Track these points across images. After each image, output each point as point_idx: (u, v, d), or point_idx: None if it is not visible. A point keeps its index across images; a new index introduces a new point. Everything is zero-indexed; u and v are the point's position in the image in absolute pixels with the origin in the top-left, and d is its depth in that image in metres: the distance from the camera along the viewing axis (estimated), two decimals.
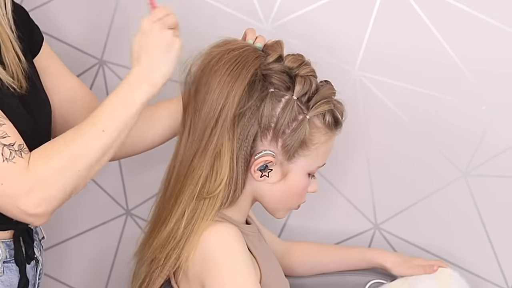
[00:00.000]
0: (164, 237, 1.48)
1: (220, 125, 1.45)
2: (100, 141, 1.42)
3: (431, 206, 1.92)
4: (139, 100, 1.44)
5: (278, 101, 1.46)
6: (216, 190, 1.45)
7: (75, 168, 1.40)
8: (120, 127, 1.43)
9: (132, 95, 1.44)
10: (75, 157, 1.40)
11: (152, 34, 1.44)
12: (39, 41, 1.63)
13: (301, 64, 1.50)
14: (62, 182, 1.40)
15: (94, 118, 1.43)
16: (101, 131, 1.42)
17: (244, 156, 1.47)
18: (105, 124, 1.42)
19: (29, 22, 1.61)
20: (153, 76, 1.44)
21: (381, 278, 1.76)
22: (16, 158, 1.38)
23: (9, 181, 1.38)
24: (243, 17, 1.84)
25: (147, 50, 1.44)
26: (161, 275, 1.48)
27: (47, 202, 1.40)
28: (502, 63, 1.84)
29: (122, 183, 1.97)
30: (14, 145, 1.39)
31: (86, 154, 1.41)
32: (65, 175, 1.40)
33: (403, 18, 1.84)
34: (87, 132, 1.42)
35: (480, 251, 1.92)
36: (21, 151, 1.39)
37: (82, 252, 1.99)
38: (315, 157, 1.50)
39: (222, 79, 1.46)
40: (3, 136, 1.39)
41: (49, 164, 1.39)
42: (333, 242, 1.95)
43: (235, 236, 1.44)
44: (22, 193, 1.38)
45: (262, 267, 1.49)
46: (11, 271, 1.51)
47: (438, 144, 1.89)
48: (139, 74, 1.44)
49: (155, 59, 1.44)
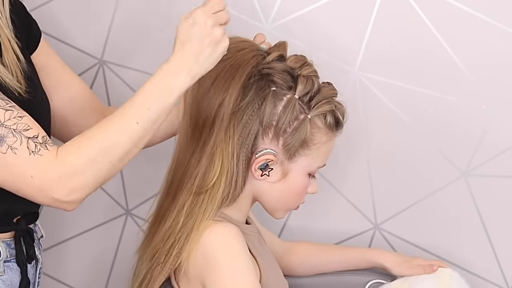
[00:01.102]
0: (164, 232, 1.48)
1: (218, 123, 1.45)
2: (133, 133, 1.39)
3: (431, 206, 1.92)
4: (177, 90, 1.40)
5: (280, 100, 1.47)
6: (210, 183, 1.45)
7: (106, 160, 1.38)
8: (154, 118, 1.39)
9: (170, 84, 1.39)
10: (107, 149, 1.38)
11: (205, 28, 1.38)
12: (37, 37, 1.61)
13: (303, 65, 1.50)
14: (93, 172, 1.38)
15: (129, 108, 1.40)
16: (135, 123, 1.39)
17: (245, 154, 1.47)
18: (139, 115, 1.39)
19: (26, 17, 1.60)
20: (195, 67, 1.40)
21: (381, 278, 1.76)
22: (42, 150, 1.36)
23: (38, 173, 1.36)
24: (243, 17, 1.84)
25: (195, 41, 1.39)
26: (162, 273, 1.48)
27: (80, 191, 1.39)
28: (502, 62, 1.84)
29: (122, 183, 1.97)
30: (38, 137, 1.37)
31: (118, 146, 1.38)
32: (96, 166, 1.38)
33: (403, 18, 1.84)
34: (120, 124, 1.39)
35: (480, 251, 1.92)
36: (45, 143, 1.37)
37: (82, 252, 1.99)
38: (315, 157, 1.50)
39: (219, 78, 1.46)
40: (26, 129, 1.37)
41: (79, 155, 1.37)
42: (333, 242, 1.95)
43: (235, 235, 1.44)
44: (53, 184, 1.36)
45: (262, 267, 1.49)
46: (12, 271, 1.51)
47: (438, 144, 1.89)
48: (182, 61, 1.40)
49: (200, 52, 1.39)
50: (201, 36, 1.39)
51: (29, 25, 1.60)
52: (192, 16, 1.40)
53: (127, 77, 1.91)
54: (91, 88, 1.90)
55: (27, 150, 1.36)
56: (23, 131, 1.36)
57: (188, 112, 1.50)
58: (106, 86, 1.91)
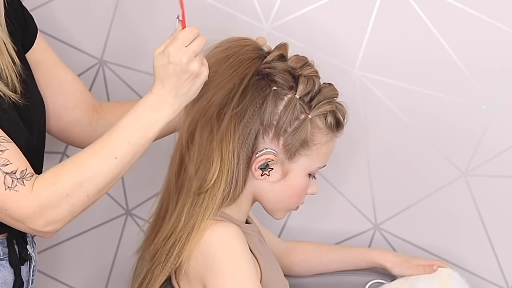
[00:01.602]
0: (165, 232, 1.48)
1: (219, 122, 1.45)
2: (112, 167, 1.40)
3: (431, 206, 1.92)
4: (159, 124, 1.40)
5: (280, 100, 1.47)
6: (210, 183, 1.45)
7: (82, 194, 1.39)
8: (133, 152, 1.40)
9: (151, 119, 1.40)
10: (83, 184, 1.39)
11: (181, 65, 1.38)
12: (34, 33, 1.61)
13: (304, 65, 1.50)
14: (67, 207, 1.39)
15: (107, 142, 1.40)
16: (114, 158, 1.39)
17: (246, 154, 1.47)
18: (118, 150, 1.40)
19: (22, 13, 1.59)
20: (176, 101, 1.40)
21: (381, 278, 1.76)
22: (18, 186, 1.38)
23: (13, 207, 1.38)
24: (243, 17, 1.84)
25: (173, 79, 1.39)
26: (163, 272, 1.48)
27: (55, 224, 1.41)
28: (502, 63, 1.84)
29: (122, 183, 1.97)
30: (16, 173, 1.38)
31: (95, 181, 1.39)
32: (70, 201, 1.39)
33: (403, 18, 1.84)
34: (98, 158, 1.40)
35: (480, 251, 1.92)
36: (23, 179, 1.39)
37: (82, 252, 1.99)
38: (316, 157, 1.50)
39: (221, 77, 1.46)
40: (5, 164, 1.38)
41: (53, 190, 1.38)
42: (333, 242, 1.95)
43: (236, 235, 1.44)
44: (28, 217, 1.39)
45: (263, 267, 1.49)
46: (5, 269, 1.52)
47: (438, 144, 1.89)
48: (163, 97, 1.40)
49: (180, 87, 1.39)
50: (178, 74, 1.39)
51: (25, 22, 1.59)
52: (166, 54, 1.39)
53: (127, 77, 1.91)
54: (91, 88, 1.90)
55: (3, 185, 1.37)
56: (2, 166, 1.38)
57: (189, 112, 1.49)
58: (106, 86, 1.91)
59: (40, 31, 1.65)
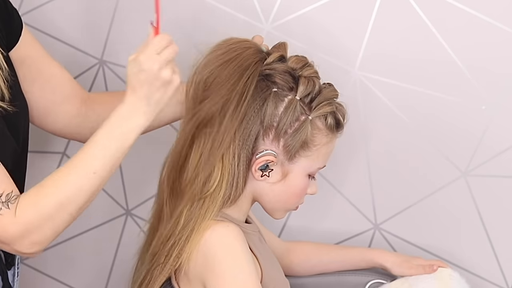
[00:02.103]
0: (164, 233, 1.48)
1: (219, 124, 1.45)
2: (92, 182, 1.39)
3: (431, 206, 1.92)
4: (133, 134, 1.40)
5: (281, 101, 1.46)
6: (211, 189, 1.45)
7: (64, 213, 1.39)
8: (111, 164, 1.40)
9: (126, 128, 1.40)
10: (64, 204, 1.38)
11: (152, 73, 1.38)
12: (18, 29, 1.57)
13: (304, 65, 1.50)
14: (51, 227, 1.39)
15: (84, 158, 1.39)
16: (92, 173, 1.39)
17: (246, 155, 1.47)
18: (96, 165, 1.39)
19: (6, 8, 1.55)
20: (148, 109, 1.40)
21: (381, 278, 1.76)
22: (3, 209, 1.37)
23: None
24: (243, 17, 1.84)
25: (145, 86, 1.39)
26: (163, 273, 1.48)
27: (40, 244, 1.40)
28: (502, 63, 1.84)
29: (122, 183, 1.97)
30: (2, 196, 1.38)
31: (77, 199, 1.39)
32: (53, 221, 1.39)
33: (403, 18, 1.84)
34: (77, 176, 1.39)
35: (480, 251, 1.92)
36: (8, 202, 1.38)
37: (82, 252, 1.99)
38: (316, 158, 1.50)
39: (221, 79, 1.46)
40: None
41: (35, 212, 1.38)
42: (333, 242, 1.95)
43: (236, 235, 1.44)
44: (13, 239, 1.38)
45: (263, 267, 1.49)
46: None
47: (438, 144, 1.89)
48: (135, 106, 1.40)
49: (152, 95, 1.39)
50: (150, 81, 1.38)
51: (9, 17, 1.55)
52: (137, 62, 1.38)
53: None
54: (91, 88, 1.90)
55: None
56: None
57: (189, 113, 1.49)
58: (106, 86, 1.91)
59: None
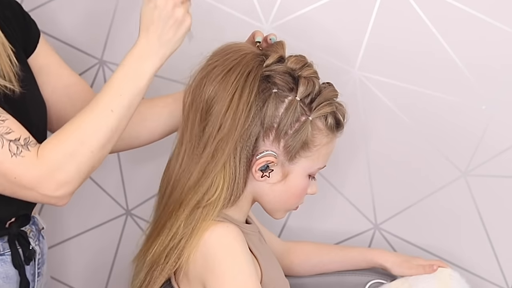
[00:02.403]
0: (164, 240, 1.47)
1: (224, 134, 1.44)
2: (109, 121, 1.43)
3: (431, 206, 1.92)
4: (147, 73, 1.44)
5: (281, 102, 1.46)
6: (212, 197, 1.45)
7: (87, 151, 1.41)
8: (127, 103, 1.44)
9: (139, 68, 1.44)
10: (85, 141, 1.41)
11: (166, 10, 1.43)
12: (35, 38, 1.62)
13: (303, 66, 1.50)
14: (74, 165, 1.41)
15: (102, 98, 1.44)
16: (110, 111, 1.43)
17: (246, 156, 1.46)
18: (113, 103, 1.43)
19: (24, 19, 1.61)
20: (160, 49, 1.45)
21: (381, 278, 1.76)
22: (24, 152, 1.40)
23: (21, 174, 1.39)
24: (243, 17, 1.84)
25: (158, 24, 1.44)
26: (162, 274, 1.47)
27: (66, 185, 1.41)
28: (501, 62, 1.84)
29: (122, 183, 1.97)
30: (20, 140, 1.40)
31: (96, 136, 1.42)
32: (76, 159, 1.41)
33: (403, 18, 1.84)
34: (95, 114, 1.43)
35: (480, 251, 1.92)
36: (27, 145, 1.41)
37: (82, 252, 1.99)
38: (316, 158, 1.50)
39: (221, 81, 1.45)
40: (8, 132, 1.40)
41: (57, 151, 1.41)
42: (333, 242, 1.95)
43: (236, 236, 1.44)
44: (38, 181, 1.40)
45: (263, 267, 1.49)
46: (6, 263, 1.53)
47: (438, 144, 1.89)
48: (147, 46, 1.45)
49: (164, 34, 1.44)
50: (163, 18, 1.44)
51: (26, 26, 1.61)
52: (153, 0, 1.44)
53: None
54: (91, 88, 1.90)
55: (9, 153, 1.39)
56: (5, 134, 1.39)
57: (191, 122, 1.48)
58: None
59: (41, 31, 1.64)
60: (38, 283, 1.61)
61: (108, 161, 1.96)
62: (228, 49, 1.50)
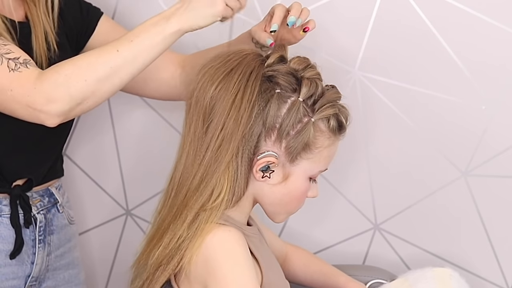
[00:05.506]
0: (168, 242, 1.47)
1: (227, 134, 1.44)
2: (111, 58, 1.46)
3: (431, 206, 1.92)
4: (164, 31, 1.46)
5: (284, 102, 1.46)
6: (218, 198, 1.45)
7: (81, 77, 1.45)
8: (136, 51, 1.46)
9: (158, 24, 1.47)
10: (82, 67, 1.45)
11: None
12: (94, 19, 1.73)
13: (306, 67, 1.49)
14: (66, 86, 1.44)
15: (116, 40, 1.48)
16: (115, 50, 1.46)
17: (248, 156, 1.46)
18: (121, 45, 1.46)
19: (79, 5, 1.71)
20: (187, 21, 1.47)
21: (381, 278, 1.76)
22: (22, 68, 1.46)
23: (16, 86, 1.45)
24: (243, 17, 1.84)
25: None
26: (164, 274, 1.47)
27: (54, 102, 1.45)
28: (502, 62, 1.84)
29: (122, 183, 1.97)
30: (19, 59, 1.47)
31: (94, 67, 1.46)
32: (70, 80, 1.44)
33: (403, 18, 1.84)
34: (101, 49, 1.48)
35: (480, 251, 1.92)
36: (26, 64, 1.47)
37: (82, 252, 1.99)
38: (317, 161, 1.49)
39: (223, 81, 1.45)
40: (7, 52, 1.47)
41: (55, 71, 1.46)
42: (333, 242, 1.95)
43: (238, 239, 1.43)
44: (29, 93, 1.44)
45: (264, 269, 1.49)
46: (1, 224, 1.60)
47: (438, 144, 1.89)
48: (176, 11, 1.48)
49: (195, 8, 1.46)
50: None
51: (81, 12, 1.71)
52: None
53: None
54: None
55: (7, 68, 1.45)
56: (5, 53, 1.47)
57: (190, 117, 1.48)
58: None
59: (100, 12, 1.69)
60: (40, 250, 1.66)
61: (108, 161, 1.96)
62: (229, 50, 1.49)
